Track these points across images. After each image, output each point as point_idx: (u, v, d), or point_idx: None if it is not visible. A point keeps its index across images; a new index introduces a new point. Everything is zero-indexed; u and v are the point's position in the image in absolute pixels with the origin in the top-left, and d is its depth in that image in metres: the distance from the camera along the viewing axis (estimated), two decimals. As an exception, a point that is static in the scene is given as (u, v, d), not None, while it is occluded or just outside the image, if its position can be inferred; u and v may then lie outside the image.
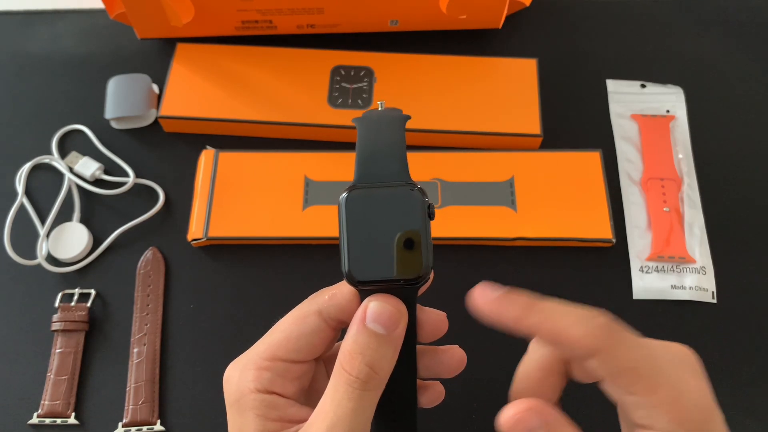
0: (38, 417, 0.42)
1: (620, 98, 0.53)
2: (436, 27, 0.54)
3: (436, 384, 0.31)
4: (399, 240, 0.25)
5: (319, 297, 0.28)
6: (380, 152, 0.27)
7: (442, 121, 0.50)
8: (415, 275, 0.25)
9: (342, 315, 0.28)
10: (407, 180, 0.26)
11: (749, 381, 0.43)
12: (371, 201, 0.26)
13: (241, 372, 0.28)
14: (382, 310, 0.26)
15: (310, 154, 0.49)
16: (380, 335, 0.26)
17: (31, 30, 0.56)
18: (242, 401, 0.27)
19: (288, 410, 0.27)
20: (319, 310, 0.28)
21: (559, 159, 0.49)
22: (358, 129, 0.28)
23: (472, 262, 0.46)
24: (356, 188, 0.26)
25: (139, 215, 0.48)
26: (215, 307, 0.45)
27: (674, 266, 0.46)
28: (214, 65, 0.52)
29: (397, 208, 0.26)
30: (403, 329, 0.26)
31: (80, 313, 0.44)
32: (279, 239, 0.46)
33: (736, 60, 0.55)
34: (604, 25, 0.57)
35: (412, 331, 0.27)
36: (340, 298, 0.28)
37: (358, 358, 0.25)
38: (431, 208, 0.26)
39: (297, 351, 0.28)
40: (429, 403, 0.31)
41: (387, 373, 0.26)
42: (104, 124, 0.52)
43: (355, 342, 0.26)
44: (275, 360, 0.28)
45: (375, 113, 0.28)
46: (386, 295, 0.26)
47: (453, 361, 0.30)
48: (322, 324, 0.28)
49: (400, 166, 0.26)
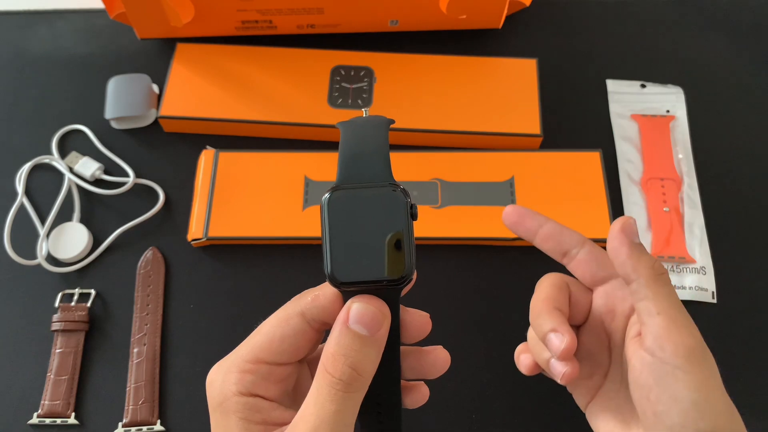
0: (38, 417, 0.42)
1: (620, 98, 0.53)
2: (436, 27, 0.54)
3: (421, 385, 0.31)
4: (381, 241, 0.25)
5: (302, 299, 0.28)
6: (363, 154, 0.27)
7: (442, 121, 0.50)
8: (398, 276, 0.25)
9: (325, 316, 0.27)
10: (390, 181, 0.26)
11: (749, 381, 0.43)
12: (354, 202, 0.26)
13: (224, 375, 0.28)
14: (365, 311, 0.25)
15: (310, 154, 0.49)
16: (363, 336, 0.25)
17: (31, 30, 0.56)
18: (225, 404, 0.27)
19: (272, 413, 0.27)
20: (302, 312, 0.28)
21: (559, 159, 0.49)
22: (341, 131, 0.27)
23: (472, 262, 0.46)
24: (339, 189, 0.26)
25: (139, 215, 0.48)
26: (215, 307, 0.45)
27: (674, 266, 0.46)
28: (214, 65, 0.52)
29: (379, 208, 0.26)
30: (387, 330, 0.26)
31: (80, 313, 0.44)
32: (279, 239, 0.46)
33: (736, 60, 0.55)
34: (604, 25, 0.57)
35: (395, 332, 0.27)
36: (323, 299, 0.27)
37: (341, 359, 0.25)
38: (414, 209, 0.26)
39: (280, 353, 0.28)
40: (413, 403, 0.31)
41: (370, 374, 0.26)
42: (104, 124, 0.52)
43: (338, 344, 0.25)
44: (258, 362, 0.27)
45: (359, 118, 0.28)
46: (369, 296, 0.26)
47: (437, 361, 0.30)
48: (305, 326, 0.28)
49: (383, 167, 0.26)
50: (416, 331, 0.29)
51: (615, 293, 0.34)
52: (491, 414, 0.42)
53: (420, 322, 0.29)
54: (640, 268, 0.30)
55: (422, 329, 0.29)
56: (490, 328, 0.44)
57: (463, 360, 0.38)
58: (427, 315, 0.29)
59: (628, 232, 0.31)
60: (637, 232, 0.32)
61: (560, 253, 0.36)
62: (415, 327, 0.29)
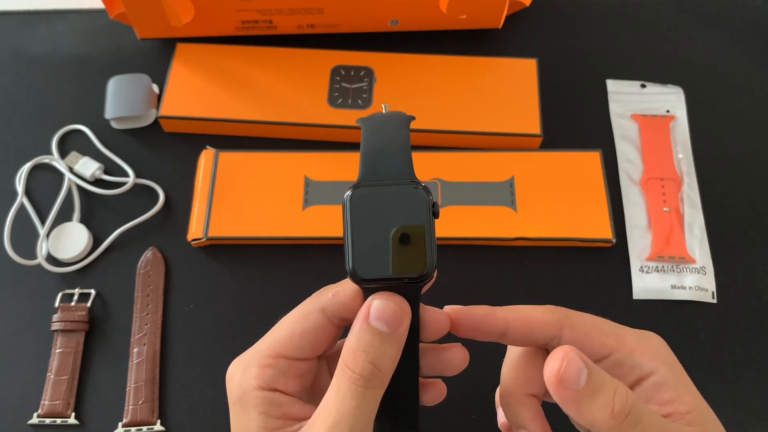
0: (38, 417, 0.42)
1: (620, 98, 0.53)
2: (436, 27, 0.54)
3: (438, 382, 0.31)
4: (403, 238, 0.25)
5: (323, 295, 0.28)
6: (385, 151, 0.27)
7: (442, 121, 0.50)
8: (419, 273, 0.25)
9: (345, 313, 0.28)
10: (412, 178, 0.26)
11: (750, 381, 0.43)
12: (375, 199, 0.26)
13: (244, 369, 0.28)
14: (386, 308, 0.26)
15: (310, 154, 0.49)
16: (384, 333, 0.26)
17: (31, 30, 0.56)
18: (245, 399, 0.27)
19: (291, 408, 0.27)
20: (323, 308, 0.28)
21: (559, 159, 0.49)
22: (362, 128, 0.28)
23: (472, 262, 0.46)
24: (361, 186, 0.26)
25: (139, 215, 0.48)
26: (215, 307, 0.45)
27: (674, 266, 0.46)
28: (214, 65, 0.52)
29: (401, 206, 0.26)
30: (407, 327, 0.26)
31: (80, 313, 0.44)
32: (279, 239, 0.46)
33: (736, 60, 0.55)
34: (604, 25, 0.57)
35: (415, 329, 0.27)
36: (344, 295, 0.28)
37: (362, 355, 0.25)
38: (436, 207, 0.26)
39: (300, 348, 0.28)
40: (431, 401, 0.31)
41: (390, 370, 0.26)
42: (104, 124, 0.52)
43: (359, 340, 0.26)
44: (278, 357, 0.28)
45: (379, 114, 0.28)
46: (390, 293, 0.26)
47: (456, 359, 0.30)
48: (325, 321, 0.28)
49: (405, 165, 0.26)
50: (435, 329, 0.29)
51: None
52: (491, 414, 0.42)
53: (439, 320, 0.29)
54: (597, 422, 0.24)
55: (441, 327, 0.29)
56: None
57: (463, 360, 0.38)
58: (446, 313, 0.29)
59: (568, 382, 0.24)
60: (580, 367, 0.24)
61: (536, 346, 0.29)
62: (434, 325, 0.29)
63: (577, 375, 0.24)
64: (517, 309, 0.29)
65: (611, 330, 0.28)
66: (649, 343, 0.28)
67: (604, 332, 0.28)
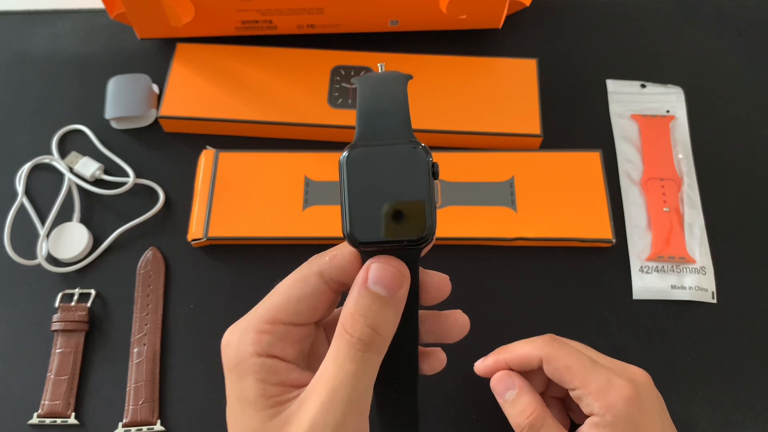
0: (38, 417, 0.42)
1: (620, 98, 0.53)
2: (436, 27, 0.54)
3: (438, 351, 0.31)
4: (402, 200, 0.25)
5: (320, 259, 0.28)
6: (382, 110, 0.26)
7: (442, 121, 0.50)
8: (418, 236, 0.25)
9: (343, 277, 0.27)
10: (411, 138, 0.25)
11: (750, 381, 0.43)
12: (373, 160, 0.25)
13: (241, 336, 0.27)
14: (384, 271, 0.25)
15: (310, 154, 0.49)
16: (382, 297, 0.25)
17: (31, 30, 0.56)
18: (242, 366, 0.26)
19: (289, 374, 0.27)
20: (320, 272, 0.27)
21: (559, 159, 0.49)
22: (358, 87, 0.26)
23: (472, 262, 0.46)
24: (357, 147, 0.25)
25: (139, 215, 0.48)
26: (215, 307, 0.45)
27: (674, 266, 0.46)
28: (214, 65, 0.52)
29: (400, 166, 0.25)
30: (406, 291, 0.26)
31: (80, 313, 0.44)
32: (279, 239, 0.46)
33: (736, 60, 0.55)
34: (604, 25, 0.57)
35: (414, 293, 0.26)
36: (341, 259, 0.27)
37: (360, 319, 0.25)
38: (435, 167, 0.25)
39: (297, 313, 0.27)
40: (431, 369, 0.31)
41: (389, 335, 0.26)
42: (104, 124, 0.52)
43: (357, 304, 0.25)
44: (275, 323, 0.27)
45: (375, 73, 0.27)
46: (388, 256, 0.25)
47: (456, 325, 0.30)
48: (323, 286, 0.27)
49: (403, 124, 0.25)
50: (435, 292, 0.28)
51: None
52: (491, 414, 0.42)
53: (439, 284, 0.28)
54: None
55: (441, 291, 0.28)
56: (490, 328, 0.44)
57: (462, 360, 0.38)
58: (447, 276, 0.29)
59: (498, 394, 0.36)
60: (510, 384, 0.36)
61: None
62: (435, 288, 0.28)
63: (503, 392, 0.36)
64: (511, 349, 0.36)
65: (580, 370, 0.33)
66: (612, 392, 0.32)
67: (572, 372, 0.33)
